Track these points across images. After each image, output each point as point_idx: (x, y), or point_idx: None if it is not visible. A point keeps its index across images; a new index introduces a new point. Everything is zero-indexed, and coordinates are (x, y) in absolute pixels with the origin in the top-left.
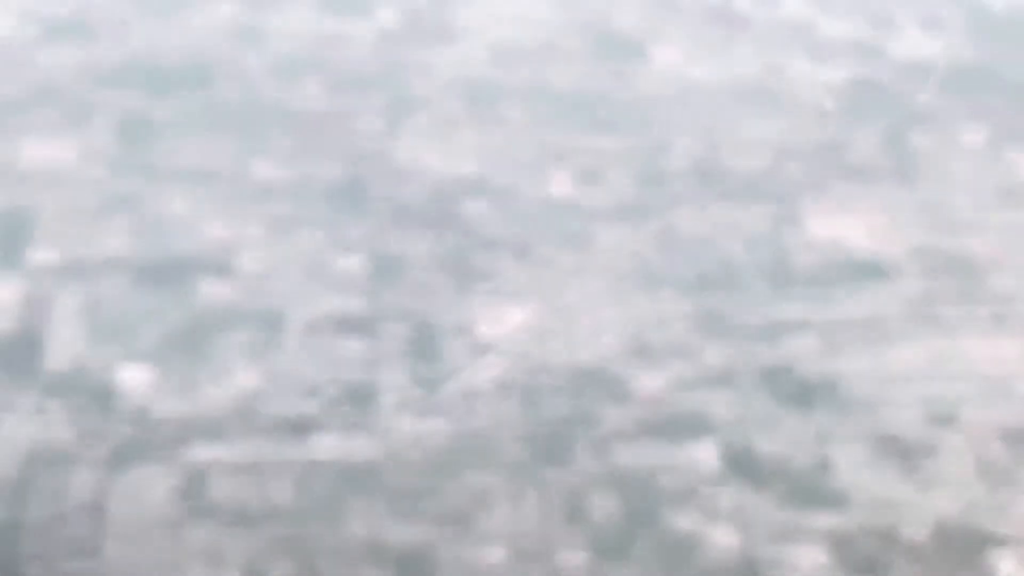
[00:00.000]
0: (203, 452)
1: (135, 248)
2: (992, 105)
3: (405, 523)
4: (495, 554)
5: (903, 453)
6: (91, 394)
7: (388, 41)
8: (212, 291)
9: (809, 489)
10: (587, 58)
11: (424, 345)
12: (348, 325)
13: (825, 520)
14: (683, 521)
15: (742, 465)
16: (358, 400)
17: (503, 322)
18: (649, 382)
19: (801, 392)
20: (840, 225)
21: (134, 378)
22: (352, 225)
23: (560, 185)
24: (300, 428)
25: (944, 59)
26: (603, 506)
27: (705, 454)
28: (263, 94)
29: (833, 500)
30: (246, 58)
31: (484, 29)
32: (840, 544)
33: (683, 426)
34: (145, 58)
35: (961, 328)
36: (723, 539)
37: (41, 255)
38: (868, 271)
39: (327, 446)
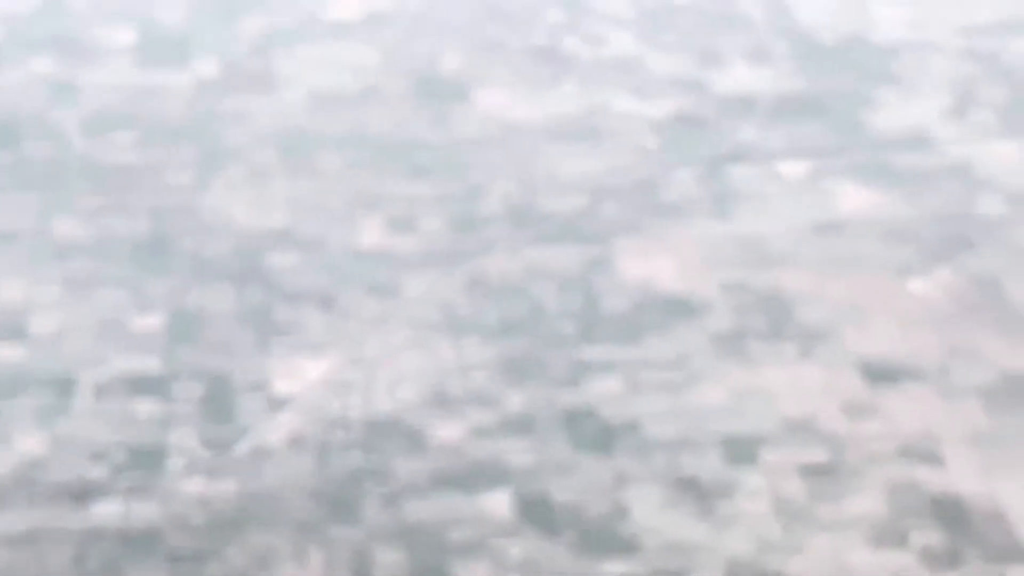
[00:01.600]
0: None
1: None
2: (815, 136)
3: None
4: None
5: (700, 495)
6: None
7: (205, 92)
8: (2, 355)
9: (603, 536)
10: (408, 103)
11: (218, 404)
12: (141, 386)
13: (616, 567)
14: (472, 574)
15: (536, 514)
16: (145, 463)
17: (301, 377)
18: (446, 432)
19: (601, 436)
20: (652, 264)
21: None
22: (153, 282)
23: (370, 234)
24: (82, 495)
25: (769, 91)
26: (390, 561)
27: (499, 504)
28: (72, 150)
29: (626, 546)
30: (57, 114)
31: (303, 76)
32: None
33: (478, 476)
34: None
35: (767, 364)
36: None
37: None
38: (677, 310)
39: (109, 512)
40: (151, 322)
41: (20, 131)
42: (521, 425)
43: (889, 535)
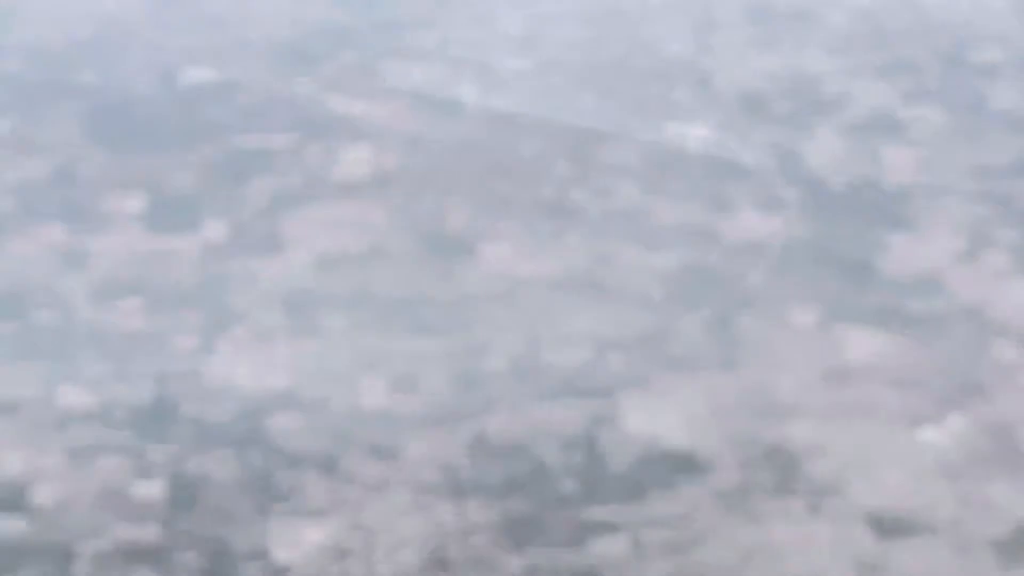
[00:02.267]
0: None
1: None
2: (825, 283)
3: None
4: None
5: None
6: None
7: (212, 255)
8: (3, 527)
9: None
10: (414, 260)
11: (217, 573)
12: (139, 556)
13: None
14: None
15: None
16: None
17: (300, 544)
18: None
19: None
20: (658, 419)
21: None
22: (154, 449)
23: (372, 394)
24: None
25: (778, 239)
26: None
27: None
28: (79, 318)
29: None
30: (65, 282)
31: (309, 237)
32: None
33: None
34: None
35: (774, 521)
36: None
37: None
38: (683, 466)
39: None
40: (151, 490)
41: (27, 300)
42: None
43: None
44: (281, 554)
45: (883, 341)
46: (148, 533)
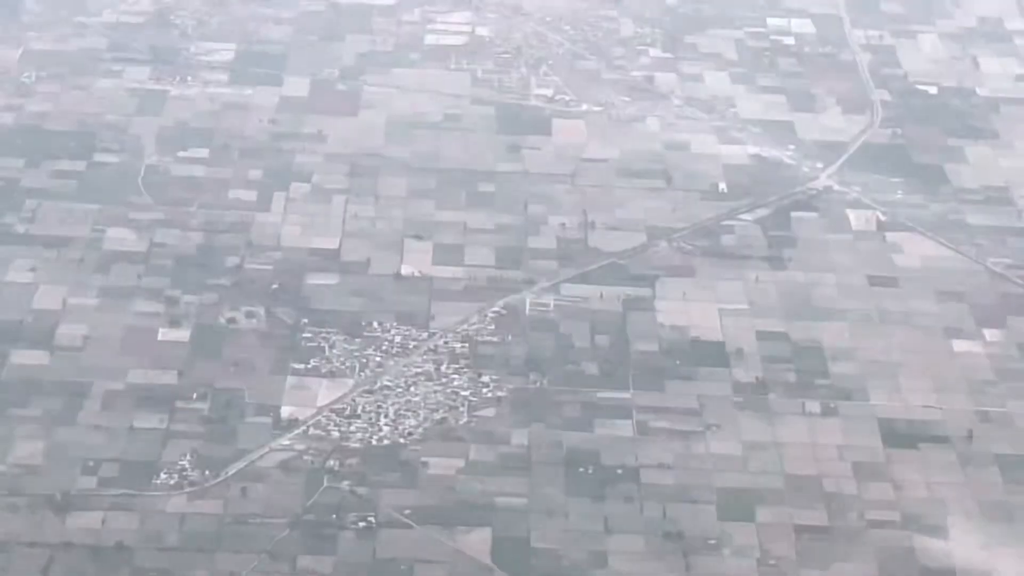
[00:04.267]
0: None
1: None
2: (894, 188)
3: None
4: None
5: (685, 550)
6: None
7: (289, 111)
8: (26, 361)
9: None
10: (487, 133)
11: (222, 425)
12: (150, 401)
13: None
14: None
15: (512, 557)
16: (134, 479)
17: (311, 402)
18: (441, 466)
19: (597, 483)
20: (693, 309)
21: None
22: (190, 299)
23: (415, 262)
24: (64, 507)
25: (857, 140)
26: None
27: (478, 543)
28: (143, 162)
29: None
30: (139, 125)
31: (389, 101)
32: None
33: (465, 513)
34: (31, 123)
35: (786, 419)
36: None
37: None
38: (708, 357)
39: (85, 525)
40: (178, 335)
41: (97, 141)
42: (518, 465)
43: None
44: (289, 410)
45: (937, 251)
46: (164, 379)
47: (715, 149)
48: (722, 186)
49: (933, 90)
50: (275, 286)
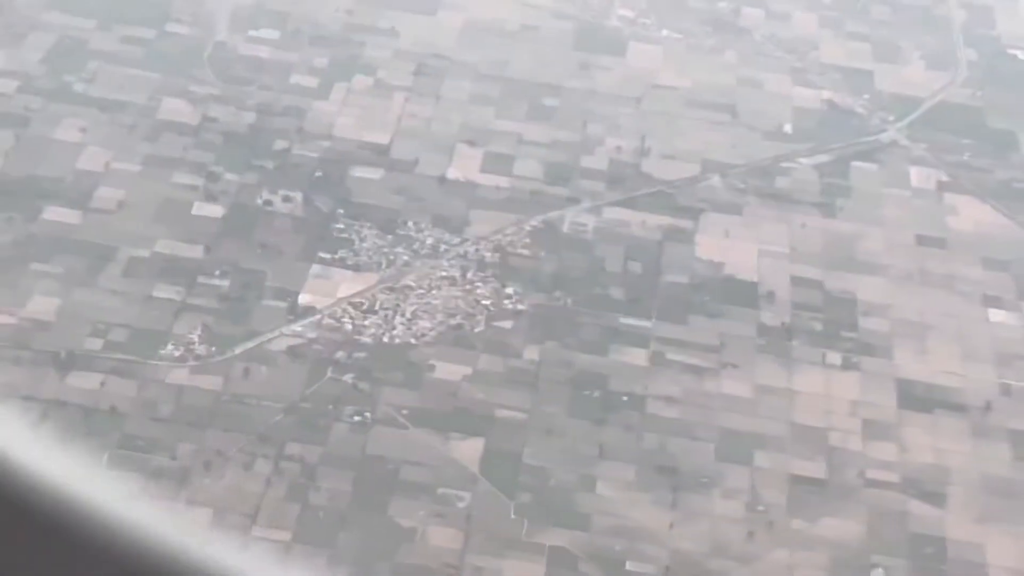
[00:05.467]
0: None
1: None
2: (961, 149)
3: None
4: None
5: (675, 484)
6: None
7: (368, 2)
8: (57, 218)
9: (557, 506)
10: (562, 48)
11: (238, 304)
12: (171, 272)
13: (555, 539)
14: (407, 514)
15: (500, 470)
16: (140, 347)
17: (330, 293)
18: (445, 372)
19: (600, 407)
20: (733, 247)
21: None
22: (231, 175)
23: (463, 167)
24: (67, 365)
25: (935, 97)
26: (331, 487)
27: (469, 452)
28: (213, 38)
29: (574, 521)
30: (214, 2)
31: (470, 4)
32: None
33: (462, 421)
34: None
35: (804, 367)
36: None
37: None
38: (738, 296)
39: (82, 386)
40: (212, 213)
41: (171, 12)
42: (526, 380)
43: (851, 566)
44: (307, 298)
45: (992, 218)
46: (190, 252)
47: (788, 90)
48: (787, 127)
49: (1023, 55)
50: (318, 174)
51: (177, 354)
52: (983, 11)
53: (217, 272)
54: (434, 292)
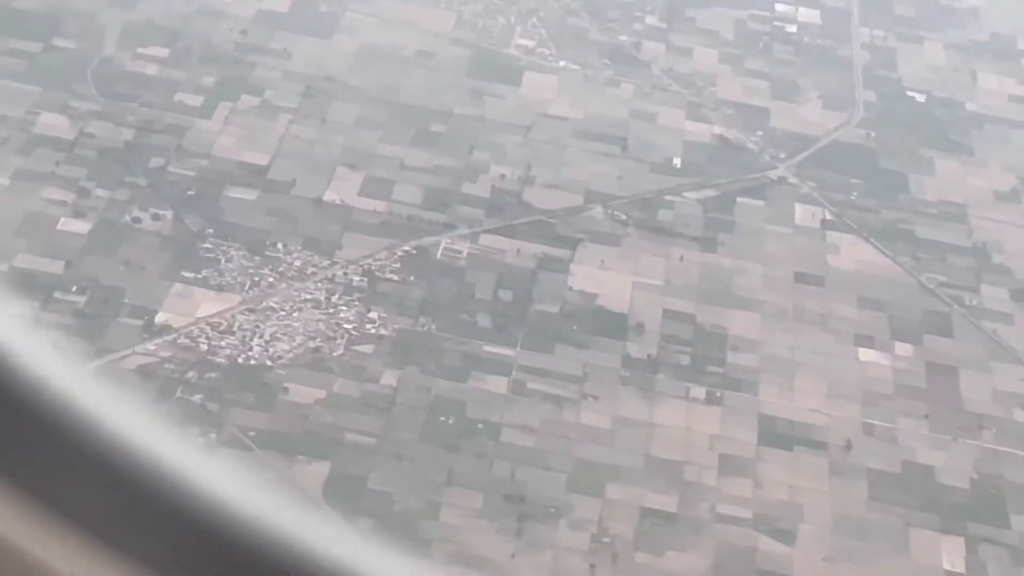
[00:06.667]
0: None
1: None
2: (849, 189)
3: None
4: None
5: (522, 514)
6: None
7: (262, 24)
8: None
9: (400, 531)
10: (456, 74)
11: (93, 322)
12: (29, 287)
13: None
14: None
15: (344, 494)
16: None
17: (189, 312)
18: (301, 395)
19: (454, 433)
20: (607, 278)
21: None
22: (102, 193)
23: (340, 190)
24: None
25: (829, 136)
26: None
27: (313, 477)
28: (100, 54)
29: (418, 548)
30: (107, 16)
31: (366, 29)
32: None
33: (310, 443)
34: None
35: (667, 400)
36: None
37: None
38: (607, 329)
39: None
40: (78, 227)
41: (60, 26)
42: (381, 405)
43: None
44: (165, 317)
45: (873, 258)
46: (51, 268)
47: (681, 124)
48: (676, 161)
49: (921, 98)
50: (191, 192)
51: None
52: (886, 53)
53: (75, 288)
54: (295, 314)
